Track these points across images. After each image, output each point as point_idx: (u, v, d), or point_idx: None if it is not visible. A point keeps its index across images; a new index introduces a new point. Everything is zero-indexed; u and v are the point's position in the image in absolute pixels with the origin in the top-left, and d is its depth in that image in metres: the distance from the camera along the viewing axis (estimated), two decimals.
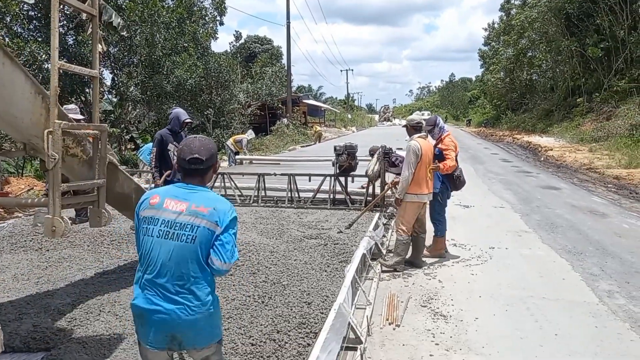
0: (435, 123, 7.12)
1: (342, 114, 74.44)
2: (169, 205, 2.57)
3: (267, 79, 35.90)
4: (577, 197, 11.97)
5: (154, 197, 2.63)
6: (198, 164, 2.64)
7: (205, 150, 2.68)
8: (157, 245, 2.54)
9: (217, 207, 2.57)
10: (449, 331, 4.73)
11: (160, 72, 22.54)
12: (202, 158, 2.64)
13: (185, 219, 2.53)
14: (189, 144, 2.69)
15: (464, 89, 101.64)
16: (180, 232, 2.52)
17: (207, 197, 2.62)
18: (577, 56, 32.51)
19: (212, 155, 2.71)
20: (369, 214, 8.95)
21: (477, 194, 12.51)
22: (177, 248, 2.51)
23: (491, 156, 23.31)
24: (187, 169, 2.66)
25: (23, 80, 3.72)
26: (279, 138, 32.41)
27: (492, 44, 59.18)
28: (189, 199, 2.58)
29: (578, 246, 7.58)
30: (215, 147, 2.78)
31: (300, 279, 5.59)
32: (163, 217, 2.55)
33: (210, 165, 2.70)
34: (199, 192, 2.63)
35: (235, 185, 10.92)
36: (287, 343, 4.10)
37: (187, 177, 2.68)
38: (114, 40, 20.73)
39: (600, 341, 4.51)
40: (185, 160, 2.64)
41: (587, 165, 17.42)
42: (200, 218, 2.53)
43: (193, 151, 2.64)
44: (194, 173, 2.67)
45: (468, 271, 6.54)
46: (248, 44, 56.55)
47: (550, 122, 34.20)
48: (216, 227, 2.54)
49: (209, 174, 2.74)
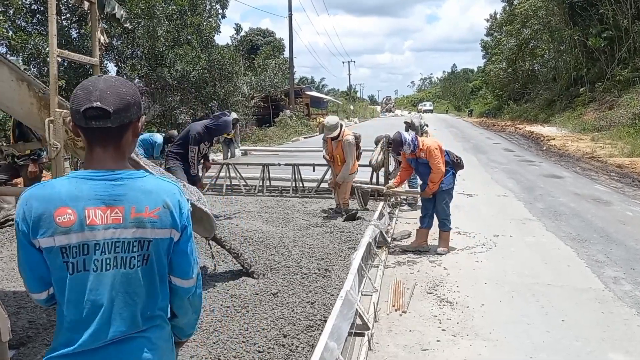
0: (401, 143, 6.71)
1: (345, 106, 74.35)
2: (96, 218, 1.60)
3: (270, 71, 35.90)
4: (580, 186, 11.97)
5: (61, 211, 1.58)
6: (104, 120, 1.60)
7: (115, 96, 1.62)
8: (96, 285, 1.62)
9: (167, 201, 1.70)
10: (456, 317, 4.75)
11: (163, 64, 22.55)
12: (107, 109, 1.59)
13: (128, 235, 1.64)
14: (87, 85, 1.64)
15: (466, 79, 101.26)
16: (125, 256, 1.65)
17: (147, 189, 1.69)
18: (580, 46, 32.36)
19: (128, 105, 1.65)
20: (373, 203, 8.99)
21: (480, 182, 12.52)
22: (123, 278, 1.65)
23: (493, 146, 23.28)
24: (86, 129, 1.63)
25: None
26: (282, 129, 32.45)
27: (494, 34, 58.93)
28: (121, 199, 1.64)
29: (582, 233, 7.59)
30: (136, 91, 1.73)
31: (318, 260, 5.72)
32: (95, 240, 1.61)
33: (127, 122, 1.66)
34: (129, 182, 1.67)
35: (240, 175, 10.96)
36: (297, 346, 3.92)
37: (93, 148, 1.66)
38: (116, 33, 20.74)
39: (607, 327, 4.52)
40: (80, 114, 1.60)
41: (590, 154, 17.39)
42: (150, 228, 1.66)
43: (92, 97, 1.59)
44: (100, 138, 1.65)
45: (473, 258, 6.55)
46: (250, 37, 56.37)
47: (552, 111, 34.09)
48: (173, 232, 1.72)
49: (126, 138, 1.70)
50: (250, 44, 53.23)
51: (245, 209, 9.11)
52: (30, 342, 4.00)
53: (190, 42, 24.42)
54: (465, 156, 18.36)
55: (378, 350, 4.14)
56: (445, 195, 6.76)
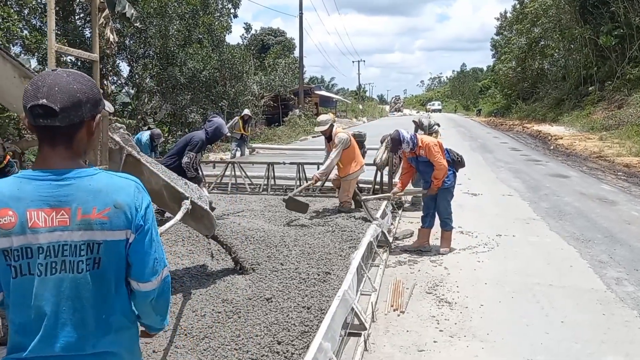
0: (400, 141, 6.67)
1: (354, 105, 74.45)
2: (39, 220, 1.53)
3: (280, 71, 36.01)
4: (586, 185, 11.87)
5: (1, 213, 1.52)
6: (51, 119, 1.51)
7: (63, 93, 1.52)
8: (41, 290, 1.55)
9: (119, 201, 1.60)
10: (454, 318, 4.71)
11: (174, 63, 22.65)
12: (53, 107, 1.49)
13: (76, 237, 1.56)
14: (36, 81, 1.55)
15: (475, 79, 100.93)
16: (72, 260, 1.56)
17: (96, 188, 1.59)
18: (591, 44, 32.09)
19: (79, 103, 1.55)
20: (377, 202, 8.94)
21: (485, 182, 12.44)
22: (71, 283, 1.57)
23: (500, 145, 23.17)
24: (35, 127, 1.56)
25: (1, 64, 3.52)
26: (291, 128, 32.52)
27: (504, 33, 58.64)
28: (67, 200, 1.55)
29: (586, 233, 7.52)
30: (92, 87, 1.63)
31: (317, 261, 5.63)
32: (38, 243, 1.53)
33: (78, 121, 1.57)
34: (77, 181, 1.58)
35: (246, 174, 10.98)
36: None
37: (42, 146, 1.60)
38: (129, 33, 20.87)
39: (608, 328, 4.47)
40: (27, 110, 1.53)
41: (597, 153, 17.26)
42: (99, 230, 1.58)
43: (39, 93, 1.51)
44: (48, 137, 1.57)
45: (475, 258, 6.51)
46: (262, 36, 56.54)
47: (560, 111, 33.85)
48: (127, 233, 1.63)
49: (78, 138, 1.61)
50: (261, 44, 53.44)
51: (249, 207, 9.10)
52: None
53: (201, 42, 24.49)
54: (472, 155, 18.44)
55: (374, 351, 4.11)
56: (447, 193, 6.71)
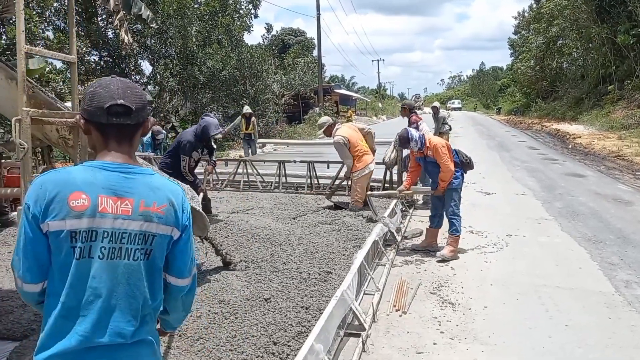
0: (408, 140, 6.58)
1: (373, 103, 74.40)
2: (107, 206, 1.63)
3: (299, 70, 36.28)
4: (602, 185, 11.66)
5: (75, 196, 1.60)
6: (125, 117, 1.69)
7: (135, 96, 1.72)
8: (99, 272, 1.63)
9: (172, 200, 1.76)
10: (456, 319, 4.64)
11: (193, 63, 22.88)
12: (130, 106, 1.69)
13: (135, 227, 1.67)
14: (107, 84, 1.71)
15: (495, 77, 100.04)
16: (129, 247, 1.67)
17: (155, 186, 1.74)
18: (609, 43, 31.60)
19: (144, 106, 1.78)
20: (386, 201, 8.90)
21: (500, 181, 12.30)
22: (126, 269, 1.67)
23: (518, 144, 22.92)
24: (104, 125, 1.69)
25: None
26: (311, 127, 32.78)
27: (522, 32, 58.03)
28: (132, 192, 1.68)
29: (598, 234, 7.37)
30: (145, 94, 1.88)
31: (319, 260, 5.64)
32: (104, 227, 1.63)
33: (142, 121, 1.77)
34: (139, 177, 1.73)
35: (257, 171, 11.04)
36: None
37: (108, 143, 1.72)
38: (149, 34, 21.16)
39: (613, 333, 4.36)
40: (102, 110, 1.66)
41: (616, 152, 16.96)
42: (155, 223, 1.70)
43: (115, 95, 1.67)
44: (117, 134, 1.72)
45: (482, 259, 6.41)
46: (282, 36, 56.90)
47: (580, 110, 33.40)
48: (174, 230, 1.76)
49: (137, 136, 1.80)
50: (282, 43, 53.88)
51: (259, 205, 9.13)
52: (33, 335, 4.03)
53: (220, 42, 24.71)
54: (489, 154, 18.28)
55: (372, 352, 4.05)
56: (454, 194, 6.59)
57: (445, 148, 6.44)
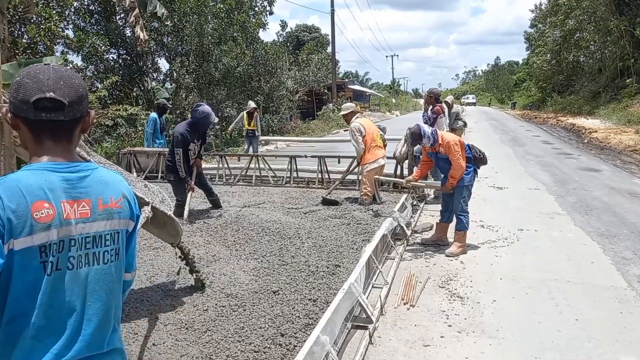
0: (420, 136, 6.50)
1: (387, 99, 74.20)
2: (70, 212, 1.49)
3: (314, 66, 36.35)
4: (617, 180, 11.53)
5: (38, 206, 1.42)
6: (57, 113, 1.48)
7: (68, 87, 1.51)
8: (71, 284, 1.49)
9: (124, 191, 1.66)
10: (464, 313, 4.61)
11: (209, 60, 23.04)
12: (62, 100, 1.48)
13: (99, 228, 1.55)
14: (36, 73, 1.50)
15: (510, 72, 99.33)
16: (97, 251, 1.55)
17: (106, 180, 1.61)
18: (627, 36, 31.20)
19: (81, 98, 1.54)
20: (397, 195, 8.90)
21: (512, 175, 12.20)
22: (97, 275, 1.55)
23: (532, 138, 22.71)
24: (33, 121, 1.49)
25: None
26: (325, 122, 32.89)
27: (538, 25, 57.47)
28: (87, 192, 1.54)
29: (612, 229, 7.29)
30: (85, 84, 1.61)
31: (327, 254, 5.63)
32: (70, 235, 1.49)
33: (79, 116, 1.56)
34: (89, 174, 1.57)
35: (269, 166, 11.07)
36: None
37: (43, 141, 1.52)
38: (166, 31, 21.37)
39: (623, 328, 4.31)
40: (28, 104, 1.46)
41: (632, 147, 16.76)
42: (117, 219, 1.61)
43: (44, 86, 1.47)
44: (51, 132, 1.52)
45: (492, 253, 6.36)
46: (297, 33, 56.97)
47: (597, 104, 33.05)
48: (129, 223, 1.68)
49: (76, 133, 1.59)
50: (296, 40, 53.96)
51: (270, 199, 9.14)
52: None
53: (236, 39, 24.85)
54: (502, 148, 18.14)
55: (379, 345, 4.04)
56: (464, 190, 6.51)
57: (457, 145, 6.37)
